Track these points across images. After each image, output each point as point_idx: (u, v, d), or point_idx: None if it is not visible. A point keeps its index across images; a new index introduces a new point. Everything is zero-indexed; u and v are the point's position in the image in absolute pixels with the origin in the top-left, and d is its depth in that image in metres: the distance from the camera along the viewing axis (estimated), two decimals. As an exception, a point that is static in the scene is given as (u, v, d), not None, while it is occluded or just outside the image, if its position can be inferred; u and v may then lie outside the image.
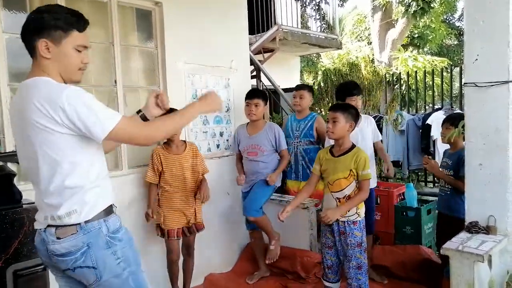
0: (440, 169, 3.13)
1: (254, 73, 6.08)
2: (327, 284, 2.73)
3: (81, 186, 1.52)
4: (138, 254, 1.69)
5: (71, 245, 1.51)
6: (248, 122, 3.58)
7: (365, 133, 3.38)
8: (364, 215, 2.64)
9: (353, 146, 2.64)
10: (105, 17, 3.13)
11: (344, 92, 3.51)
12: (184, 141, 3.21)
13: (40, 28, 1.51)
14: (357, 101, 3.45)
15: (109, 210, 1.62)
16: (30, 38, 1.54)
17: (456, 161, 2.95)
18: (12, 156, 2.47)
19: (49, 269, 1.65)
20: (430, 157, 3.56)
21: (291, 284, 3.44)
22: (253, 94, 3.52)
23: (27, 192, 2.32)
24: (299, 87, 3.90)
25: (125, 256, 1.60)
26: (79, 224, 1.52)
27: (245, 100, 3.51)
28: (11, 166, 2.46)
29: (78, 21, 1.57)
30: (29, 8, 2.79)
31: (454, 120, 2.99)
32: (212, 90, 1.83)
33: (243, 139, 3.53)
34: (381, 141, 3.69)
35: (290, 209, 2.68)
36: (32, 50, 1.55)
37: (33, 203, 2.16)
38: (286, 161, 3.50)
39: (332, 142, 2.77)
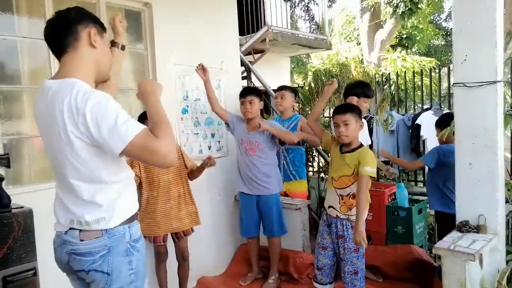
0: None
1: (245, 74, 6.08)
2: (316, 285, 2.71)
3: (111, 197, 1.50)
4: (146, 271, 1.67)
5: (93, 246, 1.48)
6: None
7: (362, 136, 3.34)
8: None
9: (361, 145, 2.64)
10: (94, 18, 3.09)
11: (359, 92, 3.41)
12: None
13: (86, 17, 1.47)
14: (368, 104, 3.41)
15: (133, 217, 1.61)
16: (73, 28, 1.44)
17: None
18: (1, 160, 2.43)
19: (65, 272, 1.63)
20: (384, 148, 3.59)
21: (284, 285, 3.44)
22: (247, 91, 3.49)
23: (16, 196, 2.29)
24: (280, 88, 3.88)
25: (137, 269, 1.57)
26: (106, 229, 1.50)
27: (240, 98, 3.46)
28: (0, 169, 2.42)
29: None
30: (15, 10, 2.76)
31: (447, 121, 3.00)
32: (140, 82, 1.59)
33: (242, 131, 3.44)
34: (370, 145, 3.66)
35: None
36: (70, 42, 1.45)
37: (22, 207, 2.14)
38: (290, 133, 3.41)
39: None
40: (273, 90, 6.65)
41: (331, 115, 2.77)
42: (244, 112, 3.40)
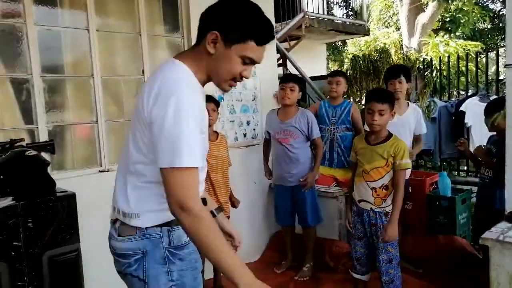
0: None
1: (280, 61, 6.02)
2: (355, 276, 2.68)
3: (153, 190, 1.34)
4: (199, 284, 1.45)
5: (127, 247, 1.36)
6: (279, 108, 3.50)
7: (406, 123, 3.20)
8: None
9: (390, 134, 2.57)
10: (132, 7, 3.13)
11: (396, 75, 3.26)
12: (216, 131, 3.19)
13: (220, 20, 1.32)
14: (408, 86, 3.32)
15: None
16: (206, 23, 1.35)
17: (501, 149, 2.81)
18: (46, 146, 2.53)
19: None
20: (463, 138, 3.35)
21: (319, 274, 3.41)
22: (289, 78, 3.47)
23: (60, 181, 2.38)
24: (335, 73, 3.79)
25: (181, 281, 1.37)
26: (139, 227, 1.36)
27: (280, 83, 3.44)
28: (45, 155, 2.52)
29: (262, 34, 1.34)
30: (58, 1, 2.83)
31: (498, 105, 2.82)
32: None
33: (274, 123, 3.44)
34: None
35: (351, 215, 2.70)
36: (200, 35, 1.36)
37: (66, 191, 2.22)
38: (321, 151, 3.39)
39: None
40: (311, 77, 6.57)
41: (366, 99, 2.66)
42: (283, 97, 3.37)
